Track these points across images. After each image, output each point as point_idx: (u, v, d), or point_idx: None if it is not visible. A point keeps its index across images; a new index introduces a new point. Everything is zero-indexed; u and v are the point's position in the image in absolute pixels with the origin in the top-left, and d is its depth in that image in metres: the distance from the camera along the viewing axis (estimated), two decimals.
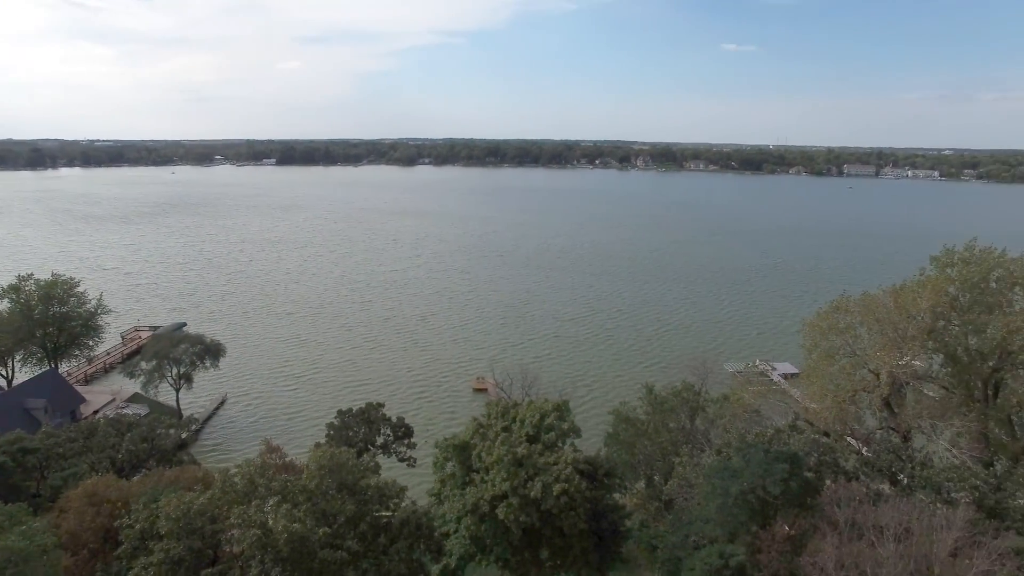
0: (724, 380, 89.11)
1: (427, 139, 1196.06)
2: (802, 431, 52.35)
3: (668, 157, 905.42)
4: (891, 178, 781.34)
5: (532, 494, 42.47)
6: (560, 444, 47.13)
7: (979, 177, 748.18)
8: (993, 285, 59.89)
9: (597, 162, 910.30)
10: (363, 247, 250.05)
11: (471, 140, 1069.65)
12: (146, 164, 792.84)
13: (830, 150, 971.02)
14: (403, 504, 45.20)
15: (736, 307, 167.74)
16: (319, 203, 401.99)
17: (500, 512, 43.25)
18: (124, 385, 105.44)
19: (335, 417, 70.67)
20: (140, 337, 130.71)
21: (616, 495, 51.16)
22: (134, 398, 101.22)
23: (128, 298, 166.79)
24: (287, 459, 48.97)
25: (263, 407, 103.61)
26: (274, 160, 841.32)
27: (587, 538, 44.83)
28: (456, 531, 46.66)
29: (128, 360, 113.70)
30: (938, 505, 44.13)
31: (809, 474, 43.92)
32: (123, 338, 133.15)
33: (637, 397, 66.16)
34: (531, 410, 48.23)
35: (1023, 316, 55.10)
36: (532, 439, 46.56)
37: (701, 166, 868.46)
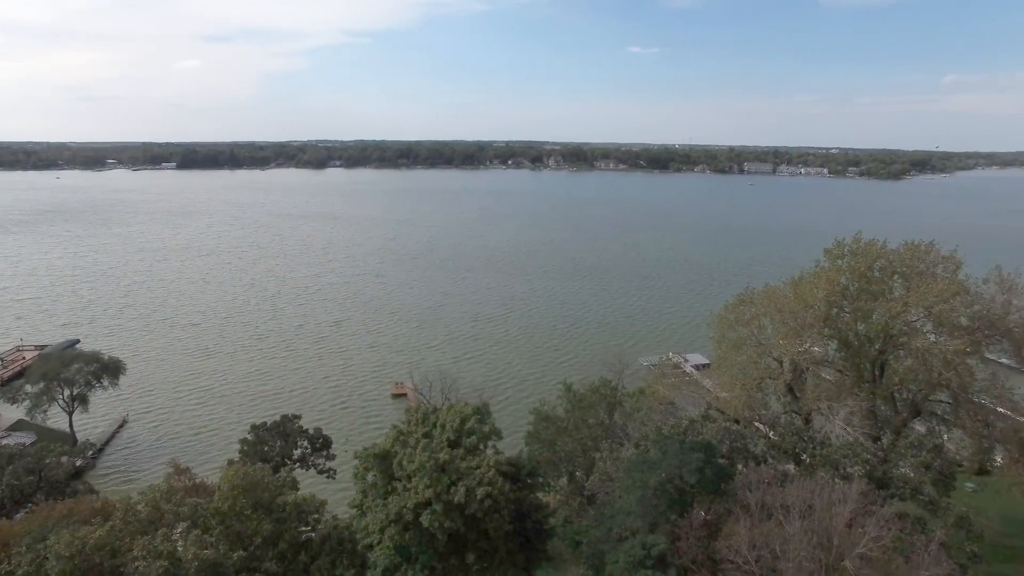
0: (640, 374, 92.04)
1: (337, 141, 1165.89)
2: (714, 420, 54.71)
3: (579, 157, 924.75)
4: (787, 175, 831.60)
5: (456, 499, 42.13)
6: (482, 447, 46.98)
7: (861, 174, 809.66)
8: (876, 274, 64.74)
9: (510, 162, 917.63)
10: (272, 253, 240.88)
11: (383, 142, 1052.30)
12: (25, 168, 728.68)
13: (731, 149, 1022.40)
14: (324, 519, 43.86)
15: (648, 301, 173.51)
16: (225, 208, 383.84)
17: (424, 520, 42.66)
18: (5, 412, 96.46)
19: (248, 432, 67.68)
20: (24, 358, 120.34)
21: (539, 494, 51.62)
22: (17, 425, 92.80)
23: (7, 315, 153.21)
24: (197, 480, 46.30)
25: (169, 425, 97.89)
26: (174, 164, 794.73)
27: (513, 539, 44.96)
28: (380, 542, 45.57)
29: (9, 384, 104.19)
30: (836, 481, 47.28)
31: (722, 461, 45.91)
32: (2, 360, 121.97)
33: (556, 395, 67.01)
34: (451, 414, 47.84)
35: (902, 302, 59.85)
36: (453, 444, 46.18)
37: (611, 165, 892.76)
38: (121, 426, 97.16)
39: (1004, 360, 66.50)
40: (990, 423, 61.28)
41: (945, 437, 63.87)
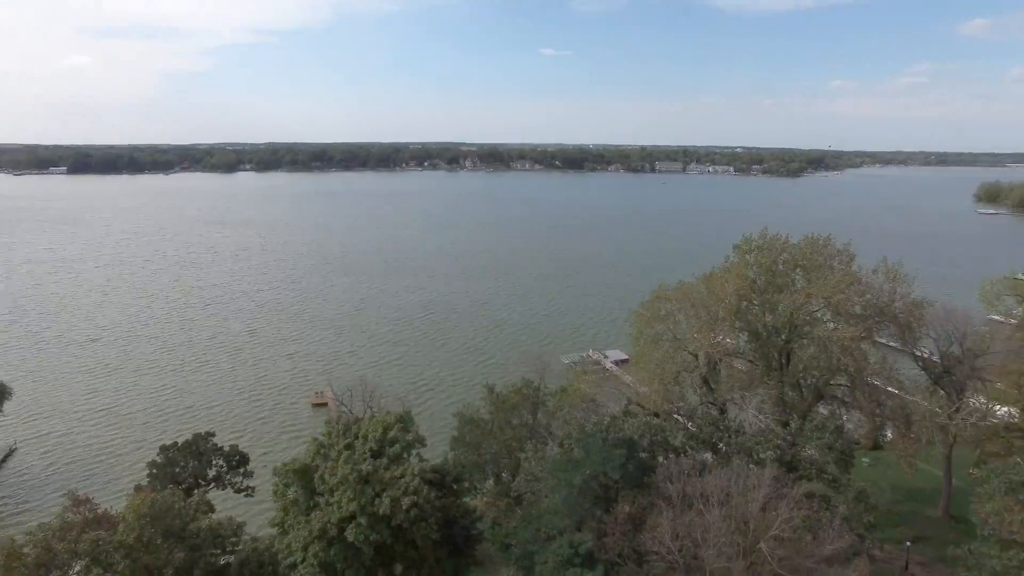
0: (561, 372, 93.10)
1: (248, 144, 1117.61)
2: (635, 415, 56.22)
3: (495, 157, 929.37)
4: (696, 173, 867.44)
5: (381, 511, 41.35)
6: (406, 456, 46.33)
7: (764, 172, 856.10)
8: (781, 268, 68.44)
9: (426, 164, 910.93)
10: (179, 261, 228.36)
11: (295, 144, 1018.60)
12: None
13: (643, 148, 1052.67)
14: (242, 541, 41.87)
15: (566, 300, 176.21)
16: (124, 215, 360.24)
17: (349, 534, 41.62)
18: None
19: (157, 454, 63.69)
20: None
21: (466, 499, 51.39)
22: None
23: None
24: (99, 511, 42.82)
25: (65, 450, 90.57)
26: (65, 168, 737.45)
27: (441, 547, 44.56)
28: (303, 560, 44.07)
29: None
30: (750, 467, 49.59)
31: (644, 455, 47.21)
32: None
33: (479, 397, 66.93)
34: (373, 425, 46.91)
35: (804, 294, 63.63)
36: (376, 454, 45.29)
37: (527, 165, 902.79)
38: (7, 456, 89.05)
39: (892, 344, 71.85)
40: (881, 402, 66.16)
41: (845, 418, 68.21)
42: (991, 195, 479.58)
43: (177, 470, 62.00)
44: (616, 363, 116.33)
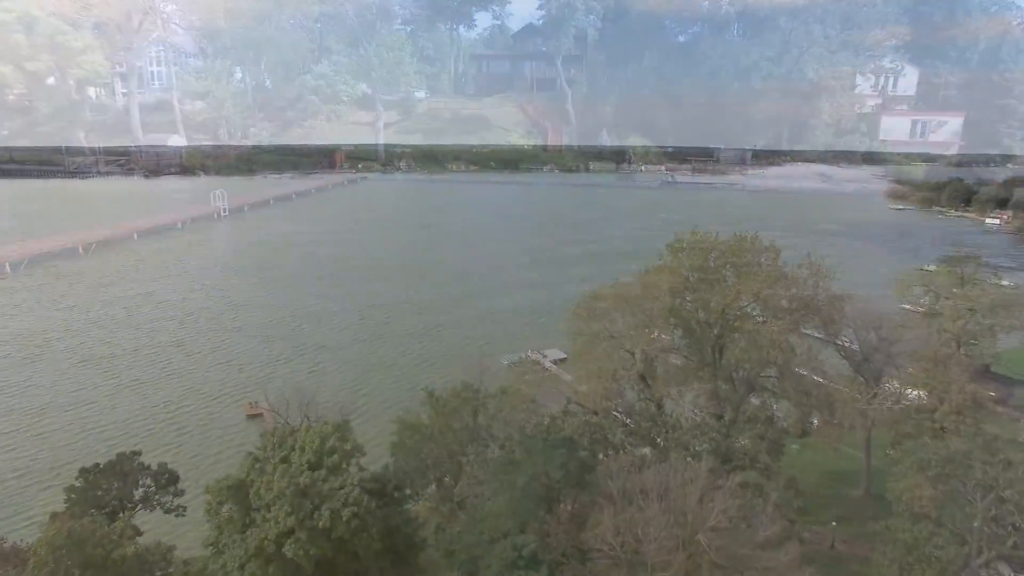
0: (501, 374, 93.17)
1: (172, 146, 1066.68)
2: (575, 414, 56.95)
3: (431, 159, 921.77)
4: (629, 172, 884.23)
5: (321, 524, 40.36)
6: (345, 466, 45.38)
7: (693, 171, 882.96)
8: (712, 265, 70.85)
9: (360, 166, 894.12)
10: (98, 271, 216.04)
11: (222, 147, 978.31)
12: None
13: (579, 148, 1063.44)
14: (173, 564, 39.98)
15: (501, 300, 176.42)
16: (32, 222, 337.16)
17: (288, 550, 40.46)
18: None
19: (76, 477, 59.96)
20: None
21: (408, 506, 50.81)
22: None
23: None
24: (6, 545, 39.79)
25: None
26: None
27: (384, 557, 43.84)
28: None
29: None
30: (688, 460, 51.05)
31: (584, 453, 47.79)
32: None
33: (419, 402, 66.35)
34: (310, 435, 45.71)
35: (735, 290, 66.13)
36: (314, 466, 44.17)
37: (463, 167, 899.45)
38: None
39: (817, 335, 75.49)
40: (808, 391, 69.48)
41: (775, 408, 71.32)
42: (900, 192, 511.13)
43: (99, 493, 58.59)
44: (555, 362, 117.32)
